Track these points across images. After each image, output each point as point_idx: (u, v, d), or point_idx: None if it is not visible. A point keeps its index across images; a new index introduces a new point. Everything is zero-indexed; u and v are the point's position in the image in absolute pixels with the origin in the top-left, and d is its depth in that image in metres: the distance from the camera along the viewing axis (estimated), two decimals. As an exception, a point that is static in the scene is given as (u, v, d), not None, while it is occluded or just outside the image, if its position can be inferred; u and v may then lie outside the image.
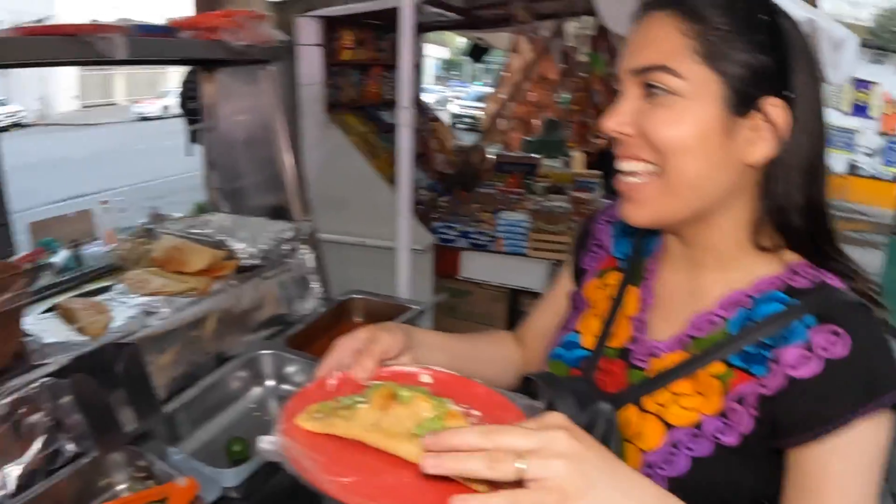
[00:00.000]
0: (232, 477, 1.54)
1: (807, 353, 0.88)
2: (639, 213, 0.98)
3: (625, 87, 0.97)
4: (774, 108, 0.92)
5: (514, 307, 4.64)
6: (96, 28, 1.83)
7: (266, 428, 1.94)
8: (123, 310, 1.97)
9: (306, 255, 2.51)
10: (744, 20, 0.91)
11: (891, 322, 0.95)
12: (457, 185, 5.29)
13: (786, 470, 0.92)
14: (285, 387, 2.16)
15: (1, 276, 1.69)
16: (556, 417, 0.74)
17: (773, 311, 0.95)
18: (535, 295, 4.38)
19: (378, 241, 4.28)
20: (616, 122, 0.95)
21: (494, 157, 5.97)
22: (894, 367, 0.89)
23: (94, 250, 2.52)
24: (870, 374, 0.87)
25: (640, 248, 1.18)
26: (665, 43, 0.91)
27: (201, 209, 2.90)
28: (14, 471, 1.49)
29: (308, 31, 4.50)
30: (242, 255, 2.24)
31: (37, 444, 1.55)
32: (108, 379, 1.61)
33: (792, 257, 1.00)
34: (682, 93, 0.90)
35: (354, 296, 2.63)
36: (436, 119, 6.33)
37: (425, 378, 0.98)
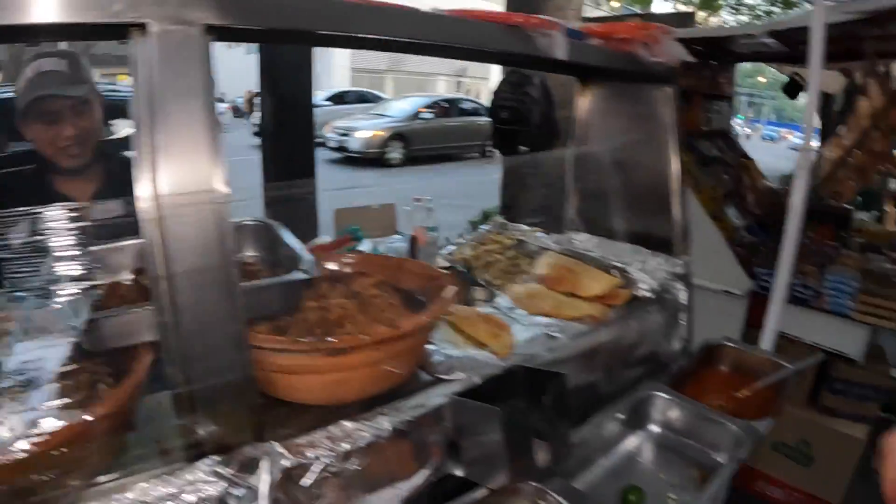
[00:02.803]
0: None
1: None
2: None
3: None
4: None
5: (822, 371, 4.23)
6: (539, 23, 1.73)
7: (652, 476, 1.77)
8: (519, 329, 1.84)
9: (680, 293, 2.30)
10: None
11: None
12: (776, 229, 4.92)
13: None
14: (667, 433, 1.98)
15: (422, 279, 1.62)
16: None
17: None
18: (849, 361, 3.96)
19: (699, 281, 4.02)
20: None
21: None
22: None
23: (397, 245, 2.47)
24: None
25: None
26: None
27: (486, 216, 2.80)
28: (401, 490, 1.41)
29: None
30: (642, 285, 2.08)
31: (429, 466, 1.46)
32: (534, 407, 1.48)
33: None
34: None
35: (725, 343, 2.40)
36: (745, 156, 5.95)
37: None
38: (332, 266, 1.75)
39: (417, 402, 1.45)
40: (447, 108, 19.81)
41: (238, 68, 19.42)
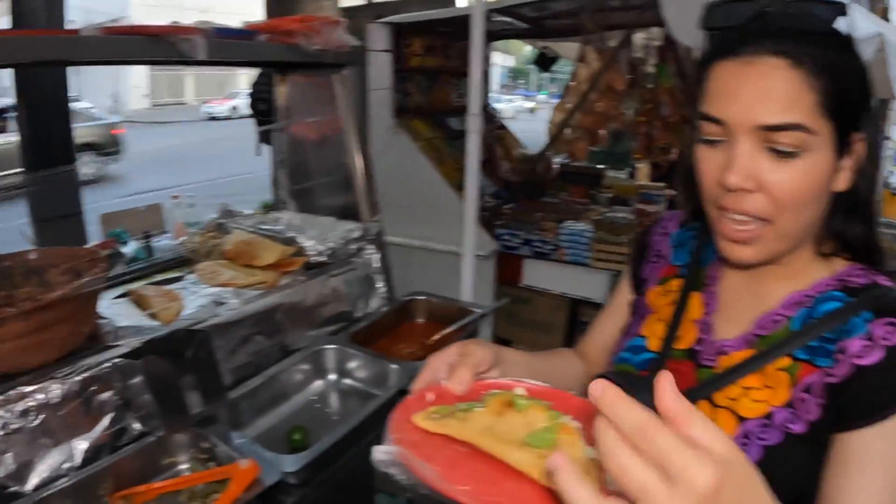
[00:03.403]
0: (292, 462, 1.60)
1: (869, 343, 0.94)
2: (750, 257, 1.02)
3: (739, 137, 0.95)
4: (860, 142, 0.98)
5: (574, 316, 4.64)
6: (178, 30, 1.92)
7: (326, 419, 2.02)
8: (194, 299, 2.06)
9: (372, 255, 2.56)
10: (840, 64, 0.94)
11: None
12: (522, 193, 5.32)
13: (829, 451, 0.97)
14: (347, 381, 2.23)
15: (80, 260, 1.79)
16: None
17: (832, 308, 1.01)
18: (595, 305, 4.38)
19: (442, 246, 4.33)
20: (742, 178, 0.95)
21: (559, 166, 5.98)
22: None
23: (164, 243, 2.63)
24: None
25: (699, 257, 1.23)
26: (793, 98, 0.92)
27: (267, 208, 2.98)
28: (81, 445, 1.59)
29: (378, 37, 4.58)
30: (311, 251, 2.31)
31: (105, 421, 1.65)
32: (178, 363, 1.69)
33: (844, 263, 1.07)
34: (812, 147, 0.93)
35: (417, 297, 2.67)
36: (502, 127, 6.36)
37: (520, 391, 0.97)
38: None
39: (87, 364, 1.63)
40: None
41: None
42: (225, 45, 2.11)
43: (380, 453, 0.82)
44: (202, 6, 21.70)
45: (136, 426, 1.70)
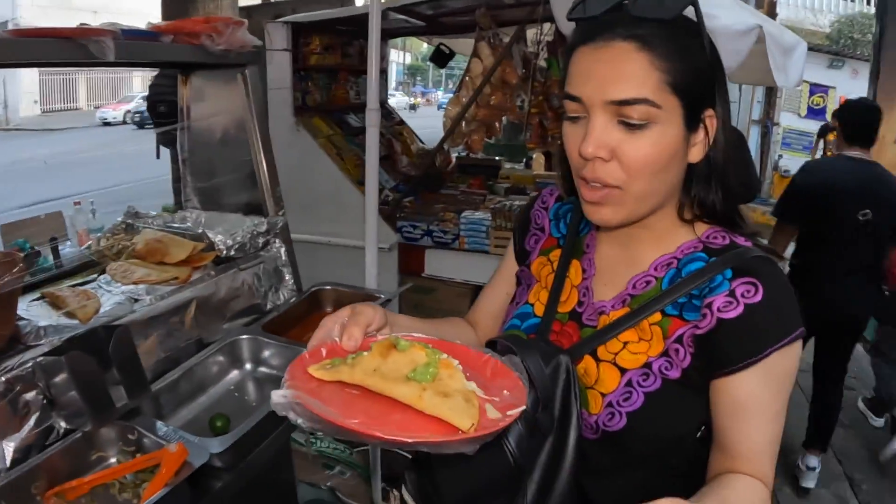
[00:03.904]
0: (218, 444, 1.68)
1: (730, 300, 1.09)
2: (609, 219, 1.14)
3: (595, 112, 1.06)
4: (711, 118, 1.13)
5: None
6: (89, 32, 1.97)
7: (246, 407, 2.10)
8: (109, 297, 2.11)
9: (279, 249, 2.65)
10: (689, 48, 1.07)
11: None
12: (421, 186, 5.44)
13: (714, 398, 1.13)
14: (262, 369, 2.32)
15: (-2, 262, 1.83)
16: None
17: (696, 268, 1.16)
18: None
19: (346, 241, 4.43)
20: (595, 148, 1.06)
21: (455, 159, 6.13)
22: (797, 307, 1.11)
23: (68, 251, 2.63)
24: (780, 314, 1.09)
25: (576, 228, 1.37)
26: (640, 76, 1.03)
27: (168, 211, 3.01)
28: (9, 445, 1.62)
29: (277, 36, 4.64)
30: (221, 246, 2.38)
31: (31, 421, 1.67)
32: (100, 358, 1.74)
33: (705, 226, 1.22)
34: (659, 120, 1.06)
35: (324, 287, 2.77)
36: (401, 122, 6.47)
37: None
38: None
39: (9, 365, 1.66)
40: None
41: None
42: (133, 47, 2.16)
43: (277, 396, 0.91)
44: (93, 7, 21.08)
45: (63, 424, 1.73)
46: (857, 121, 3.90)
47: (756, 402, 1.10)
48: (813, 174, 3.95)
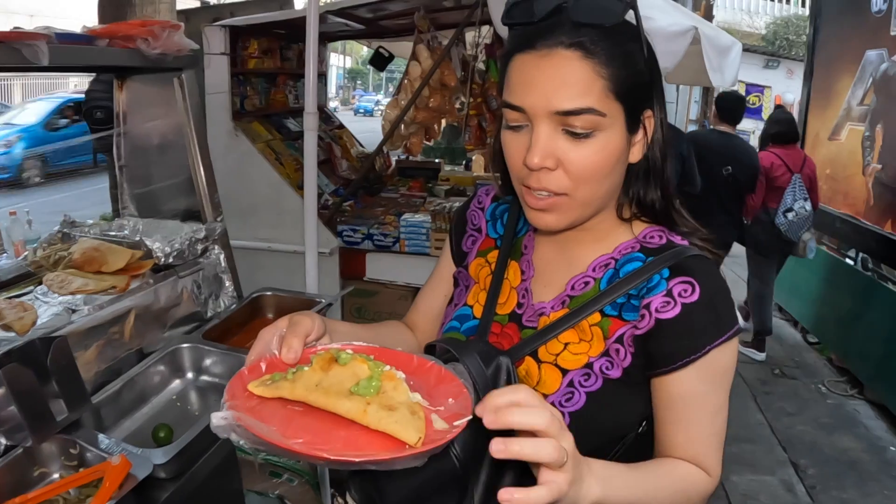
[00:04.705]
0: (161, 455, 1.66)
1: (668, 300, 1.11)
2: (554, 223, 1.14)
3: (538, 122, 1.05)
4: (649, 119, 1.15)
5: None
6: (23, 35, 1.93)
7: (189, 416, 2.08)
8: (47, 308, 2.07)
9: (218, 255, 2.62)
10: (630, 53, 1.08)
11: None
12: (361, 190, 5.43)
13: (655, 394, 1.15)
14: (204, 378, 2.29)
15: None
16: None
17: (633, 268, 1.18)
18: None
19: (286, 246, 4.41)
20: (542, 159, 1.05)
21: (395, 162, 6.14)
22: (733, 305, 1.14)
23: (3, 262, 2.57)
24: (717, 312, 1.11)
25: (513, 228, 1.37)
26: (585, 85, 1.03)
27: (106, 219, 2.96)
28: None
29: (215, 40, 4.57)
30: (159, 253, 2.34)
31: None
32: (39, 371, 1.70)
33: (643, 225, 1.24)
34: (603, 128, 1.06)
35: (265, 293, 2.75)
36: (341, 126, 6.45)
37: (348, 351, 1.04)
38: None
39: None
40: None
41: None
42: (67, 51, 2.11)
43: (218, 419, 0.88)
44: (30, 10, 20.58)
45: (2, 440, 1.69)
46: (727, 106, 5.54)
47: (696, 398, 1.12)
48: (696, 142, 5.31)
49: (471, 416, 0.90)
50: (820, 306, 6.34)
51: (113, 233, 2.49)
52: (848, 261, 6.08)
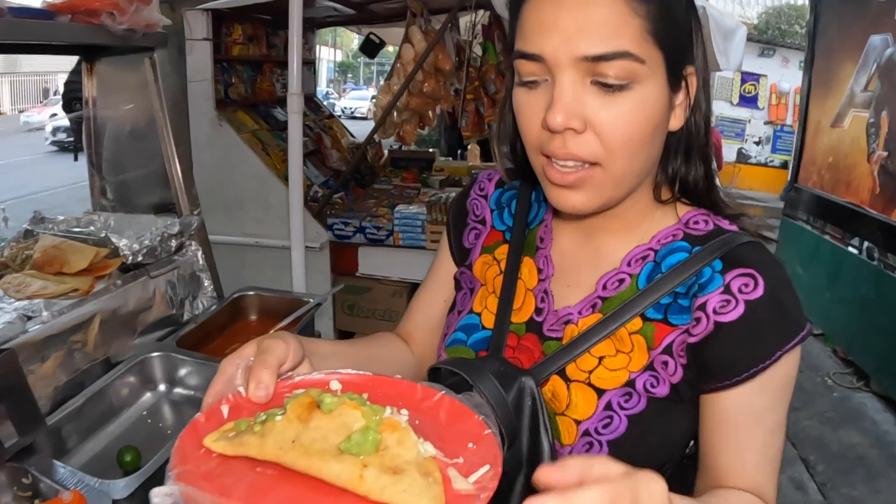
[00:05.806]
0: (122, 488, 1.45)
1: (727, 297, 0.90)
2: (584, 204, 0.92)
3: (561, 73, 0.85)
4: (692, 76, 0.93)
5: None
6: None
7: (160, 435, 1.87)
8: (0, 315, 1.85)
9: (196, 252, 2.40)
10: None
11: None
12: (352, 181, 5.25)
13: (705, 412, 0.95)
14: (178, 390, 2.09)
15: None
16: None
17: (678, 261, 0.97)
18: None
19: (274, 241, 4.20)
20: (566, 117, 0.85)
21: (387, 152, 5.98)
22: (799, 301, 0.93)
23: None
24: (784, 311, 0.90)
25: (523, 218, 1.15)
26: (618, 24, 0.83)
27: (86, 215, 2.76)
28: None
29: (197, 24, 4.32)
30: (126, 251, 2.10)
31: None
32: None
33: (685, 208, 1.03)
34: (641, 79, 0.85)
35: (247, 293, 2.54)
36: (330, 116, 6.25)
37: (335, 385, 0.81)
38: None
39: None
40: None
41: None
42: (24, 27, 1.88)
43: (160, 496, 0.64)
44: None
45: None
46: None
47: (755, 415, 0.93)
48: None
49: (501, 471, 0.67)
50: (823, 297, 6.16)
51: (79, 229, 2.27)
52: (851, 250, 5.89)
